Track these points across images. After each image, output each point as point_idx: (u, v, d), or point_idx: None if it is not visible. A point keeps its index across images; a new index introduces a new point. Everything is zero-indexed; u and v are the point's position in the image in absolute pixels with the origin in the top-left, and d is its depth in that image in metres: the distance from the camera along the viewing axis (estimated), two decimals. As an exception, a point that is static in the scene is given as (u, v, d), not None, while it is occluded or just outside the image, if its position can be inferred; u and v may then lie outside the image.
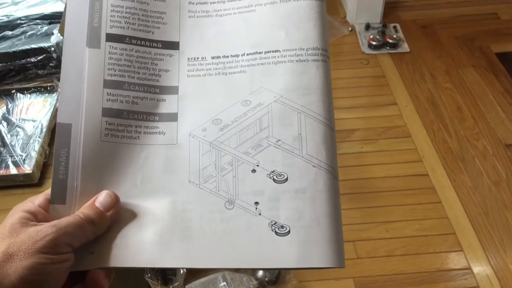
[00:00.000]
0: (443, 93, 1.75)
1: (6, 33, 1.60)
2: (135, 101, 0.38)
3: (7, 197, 1.53)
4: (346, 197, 1.42)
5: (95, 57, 0.38)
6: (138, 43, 0.39)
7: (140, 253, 0.34)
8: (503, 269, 1.23)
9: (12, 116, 1.56)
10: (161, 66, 0.39)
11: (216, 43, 0.40)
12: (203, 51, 0.40)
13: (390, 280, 1.23)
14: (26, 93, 1.55)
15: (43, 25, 1.60)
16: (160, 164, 0.37)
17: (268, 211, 0.35)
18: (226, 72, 0.39)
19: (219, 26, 0.41)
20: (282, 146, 0.37)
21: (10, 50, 1.56)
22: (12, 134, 1.49)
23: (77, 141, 0.36)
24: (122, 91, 0.38)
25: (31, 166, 1.39)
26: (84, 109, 0.37)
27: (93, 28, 0.38)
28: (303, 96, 0.37)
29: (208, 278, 1.18)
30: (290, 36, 0.39)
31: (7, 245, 0.31)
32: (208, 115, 0.38)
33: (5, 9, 1.65)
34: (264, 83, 0.38)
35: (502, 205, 1.38)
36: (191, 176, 0.37)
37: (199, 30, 0.41)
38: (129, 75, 0.38)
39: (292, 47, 0.39)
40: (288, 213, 0.35)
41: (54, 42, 1.53)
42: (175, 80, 0.39)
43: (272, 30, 0.39)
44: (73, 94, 0.37)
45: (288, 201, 0.35)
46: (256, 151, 0.37)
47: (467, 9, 2.14)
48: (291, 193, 0.35)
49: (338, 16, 2.17)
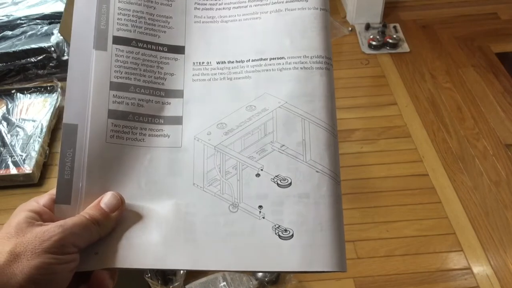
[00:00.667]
0: (443, 93, 1.75)
1: (6, 33, 1.60)
2: (140, 103, 0.38)
3: (7, 197, 1.53)
4: (346, 197, 1.42)
5: (101, 59, 0.38)
6: (144, 47, 0.39)
7: (144, 254, 0.35)
8: (503, 269, 1.23)
9: (12, 116, 1.56)
10: (167, 69, 0.40)
11: (222, 48, 0.41)
12: (208, 56, 0.40)
13: (390, 280, 1.23)
14: (26, 93, 1.55)
15: (43, 25, 1.60)
16: (165, 167, 0.37)
17: (272, 215, 0.35)
18: (231, 77, 0.40)
19: (224, 32, 0.41)
20: (286, 151, 0.37)
21: (10, 50, 1.56)
22: (12, 134, 1.49)
23: (83, 142, 0.36)
24: (128, 94, 0.38)
25: (31, 166, 1.39)
26: (90, 110, 0.37)
27: (100, 31, 0.39)
28: (307, 103, 0.38)
29: (208, 278, 1.18)
30: (295, 44, 0.40)
31: (14, 245, 0.31)
32: (213, 119, 0.38)
33: (5, 9, 1.65)
34: (268, 89, 0.39)
35: (502, 205, 1.38)
36: (195, 179, 0.37)
37: (205, 35, 0.41)
38: (135, 77, 0.39)
39: (297, 54, 0.39)
40: (292, 217, 0.35)
41: (54, 42, 1.53)
42: (180, 84, 0.40)
43: (277, 38, 0.40)
44: (79, 95, 0.37)
45: (291, 205, 0.35)
46: (260, 156, 0.37)
47: (467, 9, 2.14)
48: (295, 198, 0.36)
49: (338, 16, 2.17)
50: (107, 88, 0.38)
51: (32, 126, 1.50)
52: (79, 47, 0.38)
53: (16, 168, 1.41)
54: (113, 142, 0.37)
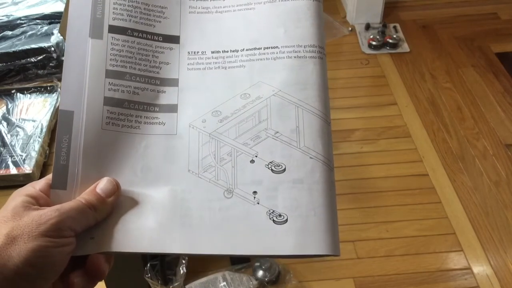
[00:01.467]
0: (443, 93, 1.75)
1: (6, 33, 1.60)
2: (136, 91, 0.39)
3: (7, 197, 1.53)
4: (346, 197, 1.42)
5: (97, 47, 0.39)
6: (140, 36, 0.40)
7: (140, 238, 0.35)
8: (503, 269, 1.23)
9: (12, 116, 1.56)
10: (162, 59, 0.40)
11: (216, 38, 0.41)
12: (203, 46, 0.41)
13: (390, 280, 1.23)
14: (26, 93, 1.55)
15: (43, 25, 1.60)
16: (160, 154, 0.38)
17: (266, 200, 0.36)
18: (226, 66, 0.40)
19: (219, 22, 0.42)
20: (280, 138, 0.38)
21: (10, 50, 1.56)
22: (12, 134, 1.49)
23: (79, 128, 0.37)
24: (124, 81, 0.39)
25: (31, 166, 1.39)
26: (86, 97, 0.37)
27: (96, 20, 0.39)
28: (301, 91, 0.38)
29: (208, 278, 1.18)
30: (289, 34, 0.40)
31: (11, 228, 0.32)
32: (207, 107, 0.39)
33: (5, 9, 1.65)
34: (263, 77, 0.39)
35: (502, 205, 1.38)
36: (191, 166, 0.38)
37: (199, 25, 0.42)
38: (131, 66, 0.39)
39: (291, 43, 0.40)
40: (286, 202, 0.36)
41: (54, 42, 1.53)
42: (176, 72, 0.40)
43: (271, 27, 0.41)
44: (75, 83, 0.38)
45: (285, 191, 0.36)
46: (255, 142, 0.38)
47: (467, 9, 2.15)
48: (289, 183, 0.36)
49: (338, 16, 2.17)
50: (103, 76, 0.38)
51: (32, 126, 1.50)
52: (76, 35, 0.39)
53: (16, 168, 1.41)
54: (108, 129, 0.38)
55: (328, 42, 2.03)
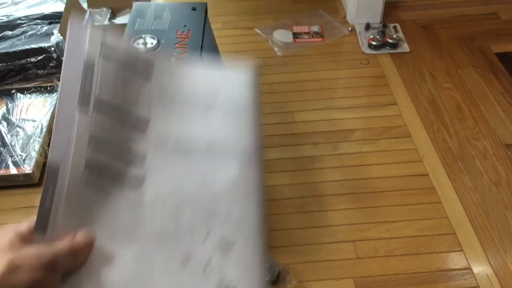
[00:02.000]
0: (443, 93, 1.75)
1: (6, 33, 1.60)
2: (111, 162, 0.43)
3: (7, 197, 1.53)
4: (346, 197, 1.42)
5: (83, 120, 0.42)
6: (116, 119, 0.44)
7: None
8: (503, 269, 1.23)
9: (12, 116, 1.56)
10: (133, 140, 0.44)
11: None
12: (169, 133, 0.45)
13: (390, 280, 1.23)
14: (26, 93, 1.55)
15: (43, 25, 1.60)
16: (128, 219, 0.42)
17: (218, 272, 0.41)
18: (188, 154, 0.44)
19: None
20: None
21: (10, 50, 1.56)
22: (12, 134, 1.49)
23: (63, 182, 0.40)
24: (102, 153, 0.43)
25: (31, 166, 1.39)
26: (71, 158, 0.41)
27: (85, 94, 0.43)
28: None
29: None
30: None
31: (12, 258, 0.35)
32: (170, 189, 0.43)
33: (5, 9, 1.66)
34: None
35: (502, 205, 1.38)
36: (154, 233, 0.42)
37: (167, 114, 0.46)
38: (109, 140, 0.43)
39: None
40: (233, 275, 0.41)
41: (54, 42, 1.53)
42: (145, 152, 0.44)
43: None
44: (64, 139, 0.41)
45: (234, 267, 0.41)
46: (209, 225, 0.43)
47: (467, 9, 2.15)
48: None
49: (338, 16, 2.17)
50: (86, 144, 0.42)
51: (32, 126, 1.50)
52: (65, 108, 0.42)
53: (16, 168, 1.41)
54: (88, 189, 0.42)
55: (328, 42, 2.03)
